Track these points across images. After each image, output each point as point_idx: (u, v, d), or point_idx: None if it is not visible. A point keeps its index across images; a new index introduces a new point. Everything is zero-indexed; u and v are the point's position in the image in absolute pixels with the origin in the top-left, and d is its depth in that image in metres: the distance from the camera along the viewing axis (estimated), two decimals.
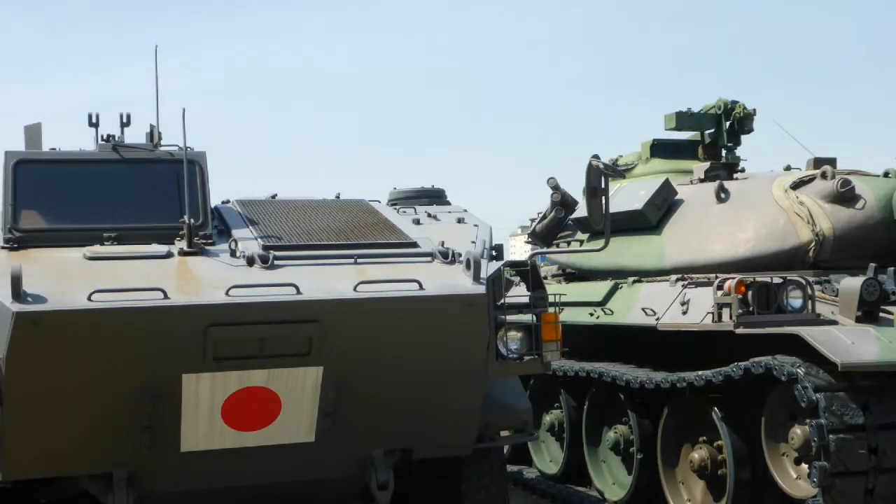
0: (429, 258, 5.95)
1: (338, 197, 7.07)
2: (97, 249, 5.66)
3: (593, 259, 9.16)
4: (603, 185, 6.04)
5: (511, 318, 6.05)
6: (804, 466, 6.83)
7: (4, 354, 5.02)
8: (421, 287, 5.55)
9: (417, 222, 6.56)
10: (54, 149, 6.53)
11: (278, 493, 6.06)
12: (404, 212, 6.86)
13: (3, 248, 5.66)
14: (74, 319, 5.05)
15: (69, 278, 5.29)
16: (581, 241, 9.91)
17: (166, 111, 6.36)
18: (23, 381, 5.10)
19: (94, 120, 6.54)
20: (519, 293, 6.33)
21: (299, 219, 6.35)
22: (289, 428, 5.67)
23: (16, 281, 4.97)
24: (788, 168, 9.03)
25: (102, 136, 6.52)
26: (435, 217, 6.75)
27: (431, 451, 6.22)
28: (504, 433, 6.93)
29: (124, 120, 6.54)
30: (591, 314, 8.65)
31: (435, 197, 7.43)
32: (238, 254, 5.76)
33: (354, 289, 5.47)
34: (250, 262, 5.67)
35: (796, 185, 8.25)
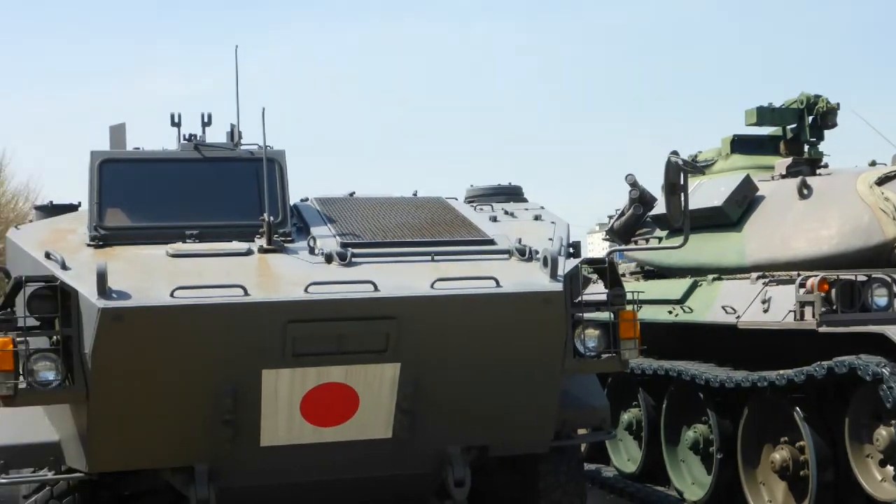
0: (506, 255, 5.94)
1: (415, 194, 7.10)
2: (179, 247, 5.76)
3: (672, 256, 9.08)
4: (682, 182, 5.98)
5: (588, 315, 6.02)
6: (889, 468, 6.69)
7: (90, 349, 5.13)
8: (498, 284, 5.55)
9: (494, 219, 6.55)
10: (138, 148, 6.66)
11: (356, 489, 6.10)
12: (481, 209, 6.86)
13: (88, 245, 5.78)
14: (157, 315, 5.14)
15: (152, 275, 5.38)
16: (659, 239, 9.82)
17: (246, 109, 6.44)
18: (107, 375, 5.21)
19: (176, 120, 6.66)
20: (597, 291, 6.29)
21: (377, 216, 6.38)
22: (366, 424, 5.70)
23: (101, 278, 5.07)
24: (873, 163, 8.82)
25: (184, 136, 6.63)
26: (512, 214, 6.74)
27: (508, 448, 6.21)
28: (581, 431, 6.90)
29: (206, 119, 6.65)
30: (670, 312, 8.56)
31: (512, 194, 7.42)
32: (316, 251, 5.81)
33: (431, 286, 5.48)
34: (328, 259, 5.72)
35: (882, 181, 8.07)
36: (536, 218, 6.69)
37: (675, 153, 6.10)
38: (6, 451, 5.78)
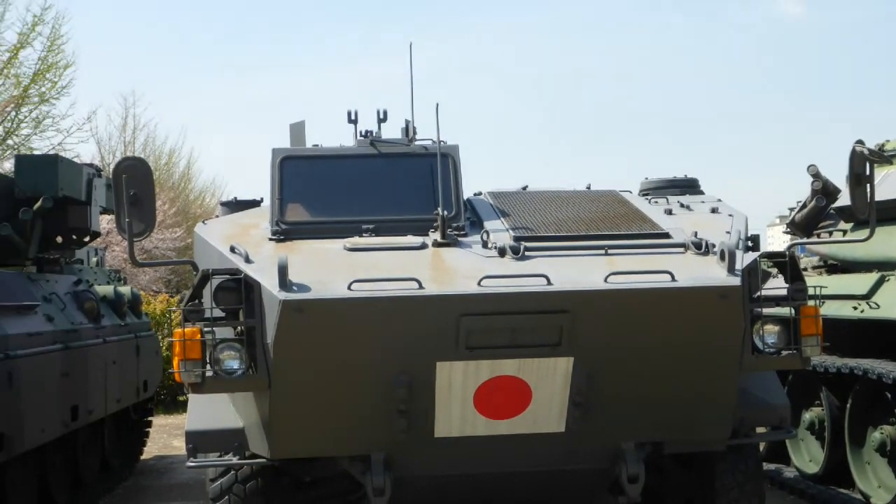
0: (681, 249, 5.84)
1: (588, 188, 7.05)
2: (356, 241, 5.89)
3: (857, 250, 8.72)
4: (868, 172, 5.76)
5: (768, 311, 5.85)
6: None
7: (272, 339, 5.31)
8: (673, 279, 5.45)
9: (669, 212, 6.45)
10: (317, 145, 6.85)
11: (528, 482, 6.11)
12: (656, 202, 6.76)
13: (270, 239, 5.99)
14: (335, 307, 5.27)
15: (330, 268, 5.52)
16: (844, 232, 9.46)
17: (420, 104, 6.54)
18: (288, 364, 5.38)
19: (353, 117, 6.81)
20: (776, 285, 6.10)
21: (550, 210, 6.37)
22: (539, 417, 5.70)
23: (282, 271, 5.24)
24: None
25: (361, 132, 6.78)
26: (688, 207, 6.61)
27: (683, 445, 6.10)
28: (760, 430, 6.71)
29: (381, 116, 6.78)
30: (855, 308, 8.23)
31: (687, 187, 7.29)
32: (490, 245, 5.84)
33: (605, 280, 5.43)
34: (502, 252, 5.74)
35: None
36: (713, 211, 6.54)
37: (860, 142, 5.88)
38: (195, 436, 6.05)
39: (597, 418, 5.73)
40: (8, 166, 16.69)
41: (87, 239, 10.35)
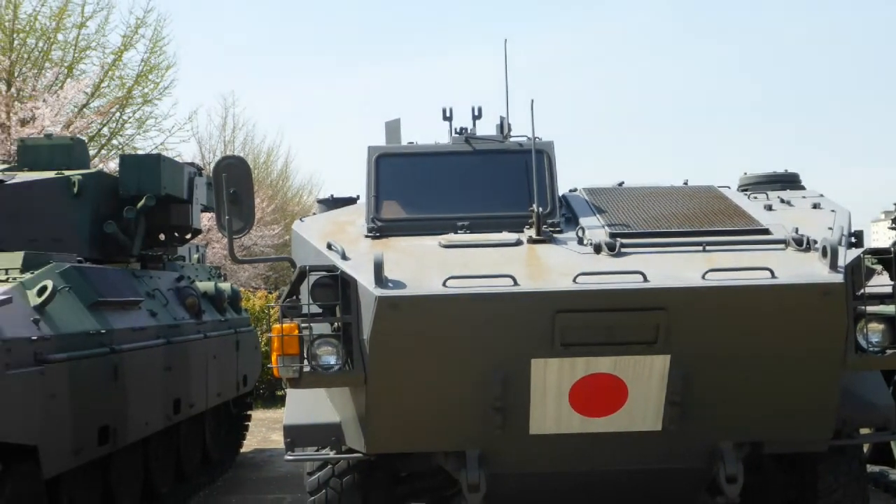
0: (781, 245, 5.72)
1: (685, 184, 6.96)
2: (451, 238, 5.90)
3: None
4: None
5: (872, 308, 5.70)
6: None
7: (368, 335, 5.35)
8: (773, 275, 5.34)
9: (769, 208, 6.32)
10: (412, 142, 6.89)
11: (624, 481, 6.05)
12: (755, 197, 6.63)
13: (366, 236, 6.04)
14: (430, 304, 5.29)
15: (425, 265, 5.55)
16: None
17: (515, 100, 6.55)
18: (384, 360, 5.42)
19: (447, 114, 6.83)
20: (881, 283, 5.94)
21: (646, 206, 6.30)
22: (635, 415, 5.65)
23: (378, 268, 5.28)
24: None
25: (456, 129, 6.80)
26: (788, 203, 6.48)
27: (783, 445, 5.98)
28: (864, 431, 6.55)
29: (475, 113, 6.79)
30: None
31: (788, 181, 7.14)
32: (585, 241, 5.80)
33: (703, 277, 5.35)
34: (597, 249, 5.70)
35: None
36: (815, 206, 6.40)
37: None
38: (293, 430, 6.14)
39: (694, 417, 5.65)
40: (112, 166, 17.14)
41: (188, 236, 10.58)
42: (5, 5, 21.32)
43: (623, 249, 5.68)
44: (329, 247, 5.79)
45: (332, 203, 6.95)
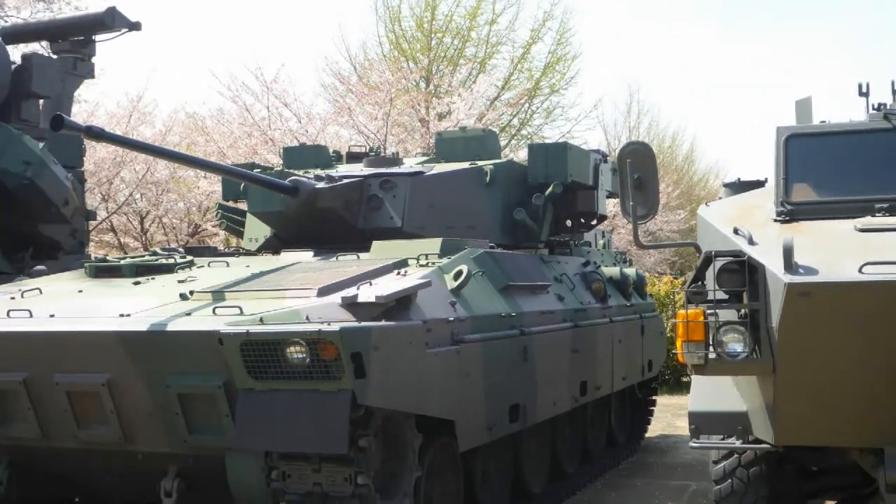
0: None
1: None
2: (869, 221, 5.58)
3: None
4: None
5: None
6: None
7: (777, 323, 5.19)
8: None
9: None
10: (824, 121, 6.57)
11: None
12: None
13: (775, 220, 5.85)
14: (844, 291, 5.04)
15: (839, 250, 5.28)
16: None
17: None
18: (793, 349, 5.22)
19: (863, 90, 6.45)
20: None
21: None
22: None
23: (787, 253, 5.10)
24: None
25: (873, 105, 6.40)
26: None
27: None
28: None
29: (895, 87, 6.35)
30: None
31: None
32: None
33: None
34: None
35: None
36: None
37: None
38: (698, 417, 6.09)
39: None
40: (522, 155, 17.83)
41: (594, 222, 10.77)
42: (424, 7, 22.81)
43: None
44: (736, 231, 5.67)
45: (739, 186, 6.81)
